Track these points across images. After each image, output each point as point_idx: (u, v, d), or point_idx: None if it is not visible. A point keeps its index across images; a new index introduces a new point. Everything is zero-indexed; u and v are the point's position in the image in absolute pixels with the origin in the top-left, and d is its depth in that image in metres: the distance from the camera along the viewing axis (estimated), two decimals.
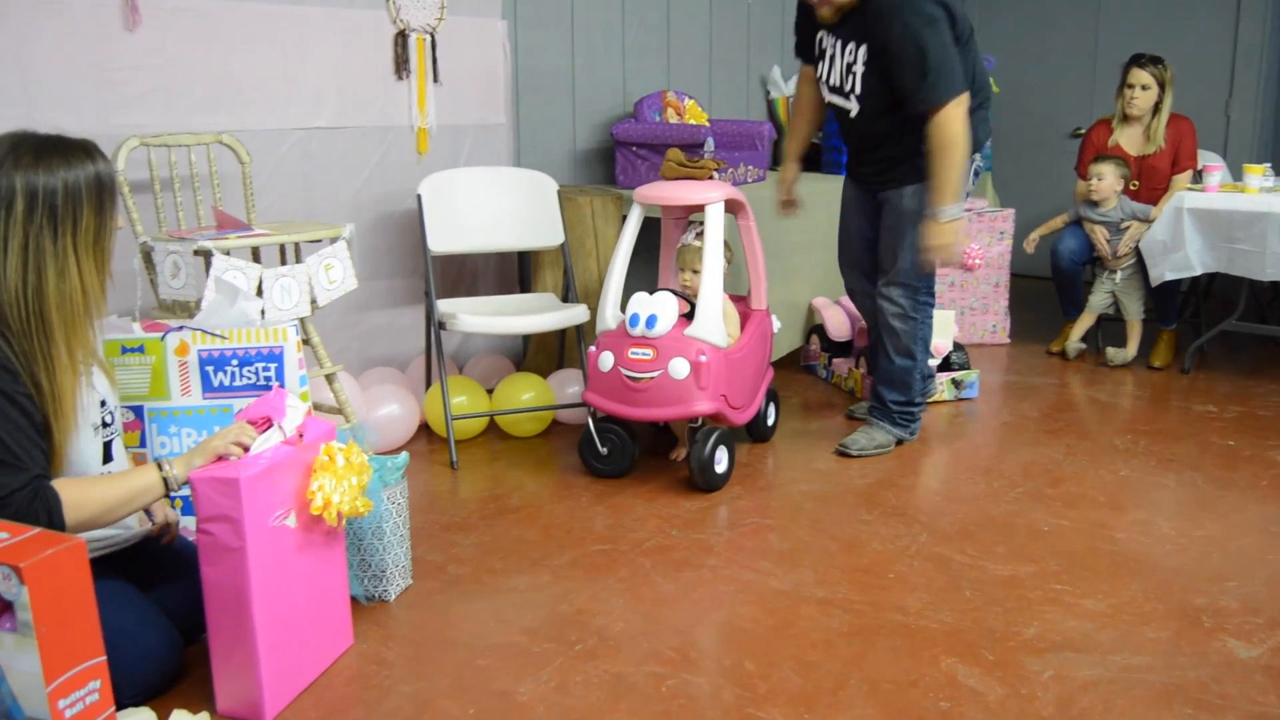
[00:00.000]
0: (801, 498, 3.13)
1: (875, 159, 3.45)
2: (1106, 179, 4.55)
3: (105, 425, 2.11)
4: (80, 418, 1.99)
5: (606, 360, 3.19)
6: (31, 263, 1.91)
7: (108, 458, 2.10)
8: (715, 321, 3.17)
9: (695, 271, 3.30)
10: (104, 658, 1.66)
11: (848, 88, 3.33)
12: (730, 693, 2.09)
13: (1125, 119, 4.70)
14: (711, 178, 3.37)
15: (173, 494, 2.04)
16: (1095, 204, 4.60)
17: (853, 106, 3.36)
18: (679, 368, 3.08)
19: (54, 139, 1.97)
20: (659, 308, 3.15)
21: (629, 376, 3.13)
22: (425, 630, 2.37)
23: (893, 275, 3.46)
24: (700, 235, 3.31)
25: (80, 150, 1.98)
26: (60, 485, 1.89)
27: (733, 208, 3.45)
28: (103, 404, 2.11)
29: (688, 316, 3.22)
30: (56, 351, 1.93)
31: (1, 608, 1.60)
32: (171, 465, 2.02)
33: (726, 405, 3.19)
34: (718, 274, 3.20)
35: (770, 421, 3.69)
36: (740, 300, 3.61)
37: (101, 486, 1.98)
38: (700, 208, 3.32)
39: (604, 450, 3.27)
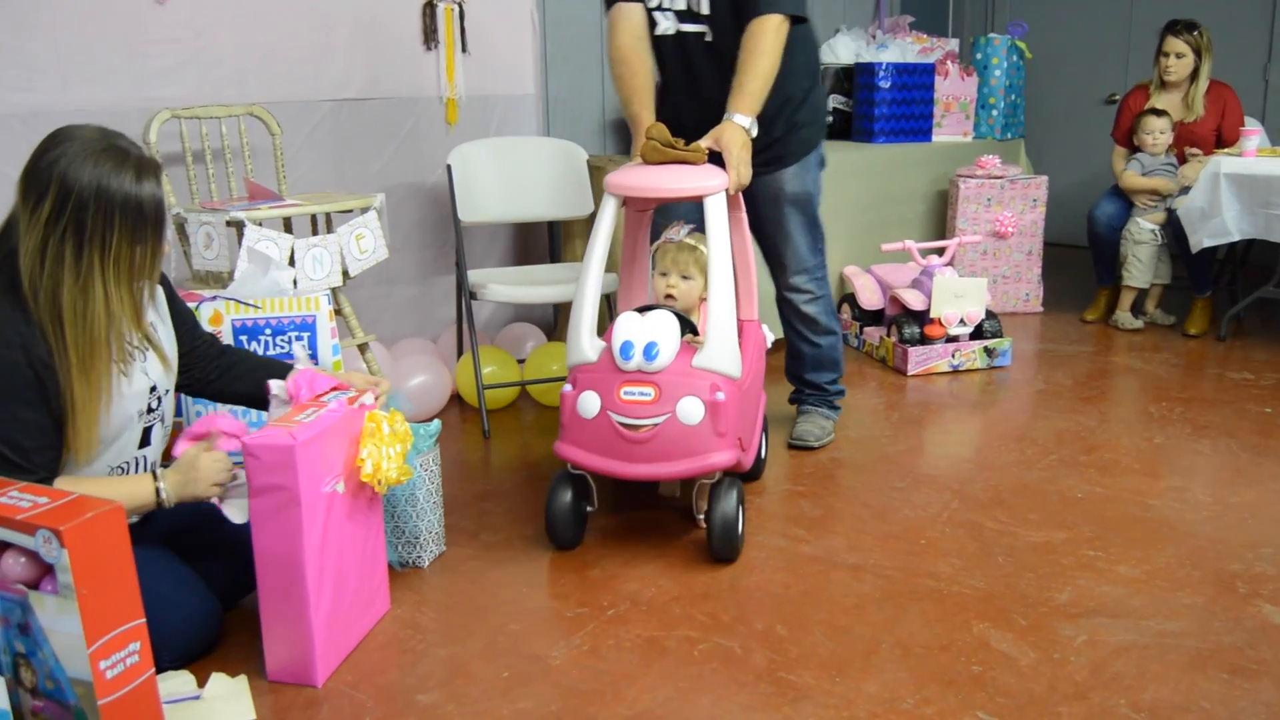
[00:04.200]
0: (832, 465, 3.13)
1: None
2: (1168, 134, 4.53)
3: (150, 410, 2.08)
4: (101, 432, 1.94)
5: (590, 404, 2.47)
6: (48, 268, 1.83)
7: (145, 442, 2.09)
8: (729, 347, 2.50)
9: (686, 277, 2.69)
10: (143, 620, 1.69)
11: (697, 7, 2.85)
12: (762, 656, 2.10)
13: (1163, 86, 4.64)
14: (705, 161, 2.66)
15: (164, 507, 2.02)
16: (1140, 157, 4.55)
17: (706, 29, 2.86)
18: (690, 410, 2.41)
19: (120, 147, 1.87)
20: (658, 332, 2.45)
21: (623, 424, 2.45)
22: (459, 595, 2.39)
23: (795, 267, 3.16)
24: (694, 231, 2.73)
25: (134, 166, 1.87)
26: (59, 484, 1.89)
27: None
28: (153, 389, 2.07)
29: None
30: (72, 360, 1.87)
31: (42, 571, 1.63)
32: (165, 481, 1.99)
33: (740, 449, 2.55)
34: (727, 284, 2.52)
35: (762, 453, 3.03)
36: None
37: (95, 488, 1.92)
38: (686, 199, 2.67)
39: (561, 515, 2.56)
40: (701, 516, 2.57)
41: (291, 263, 2.79)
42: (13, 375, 1.84)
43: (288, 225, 3.03)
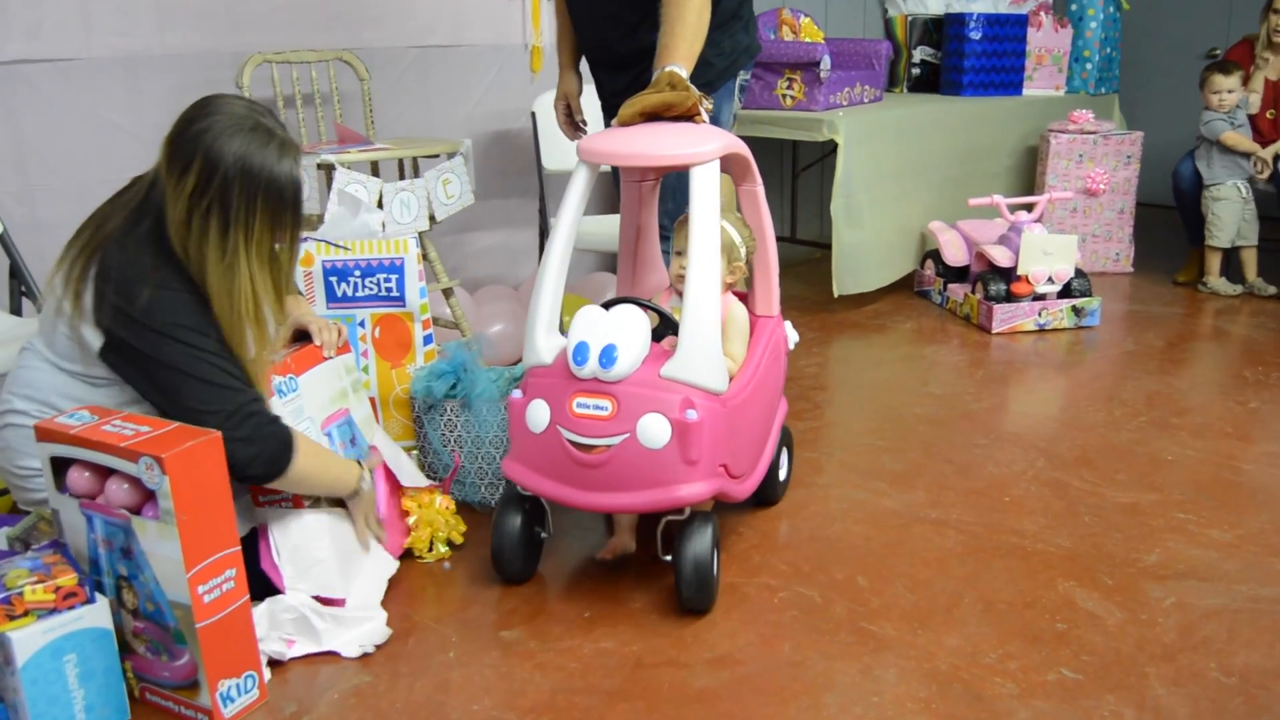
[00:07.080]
0: (915, 420, 3.09)
1: (632, 55, 2.54)
2: (1237, 91, 4.33)
3: None
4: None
5: (539, 415, 2.02)
6: (194, 242, 1.81)
7: None
8: (709, 350, 2.00)
9: None
10: (238, 548, 1.73)
11: None
12: (842, 606, 2.09)
13: (1270, 45, 4.43)
14: (696, 115, 2.15)
15: (359, 494, 2.10)
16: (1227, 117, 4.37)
17: None
18: (653, 431, 1.94)
19: (266, 126, 1.84)
20: (619, 333, 1.97)
21: (574, 443, 1.99)
22: None
23: None
24: None
25: (278, 147, 1.84)
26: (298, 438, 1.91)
27: (730, 166, 2.27)
28: None
29: (657, 334, 2.12)
30: (233, 336, 1.87)
31: (144, 497, 1.69)
32: (366, 480, 2.10)
33: (727, 479, 2.09)
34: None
35: (782, 474, 2.56)
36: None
37: (322, 456, 1.98)
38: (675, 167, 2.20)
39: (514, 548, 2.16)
40: (669, 558, 2.07)
41: (380, 206, 2.82)
42: (198, 314, 1.84)
43: (375, 169, 3.06)
